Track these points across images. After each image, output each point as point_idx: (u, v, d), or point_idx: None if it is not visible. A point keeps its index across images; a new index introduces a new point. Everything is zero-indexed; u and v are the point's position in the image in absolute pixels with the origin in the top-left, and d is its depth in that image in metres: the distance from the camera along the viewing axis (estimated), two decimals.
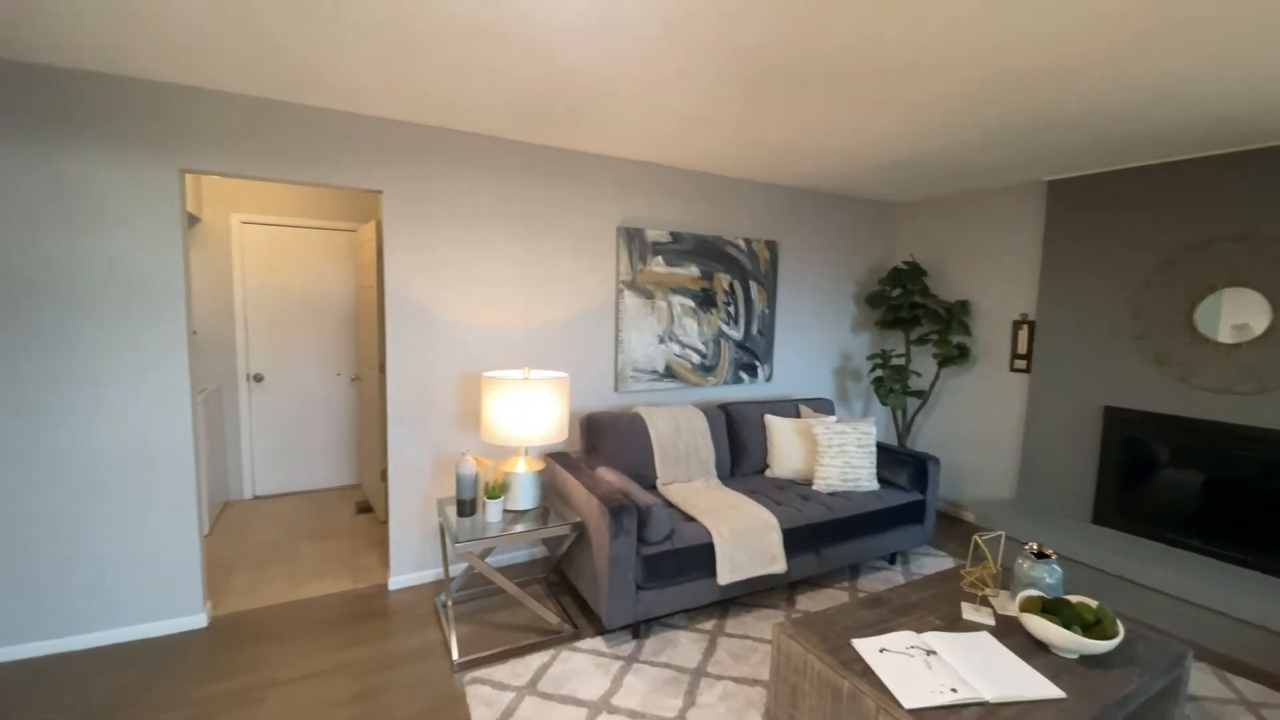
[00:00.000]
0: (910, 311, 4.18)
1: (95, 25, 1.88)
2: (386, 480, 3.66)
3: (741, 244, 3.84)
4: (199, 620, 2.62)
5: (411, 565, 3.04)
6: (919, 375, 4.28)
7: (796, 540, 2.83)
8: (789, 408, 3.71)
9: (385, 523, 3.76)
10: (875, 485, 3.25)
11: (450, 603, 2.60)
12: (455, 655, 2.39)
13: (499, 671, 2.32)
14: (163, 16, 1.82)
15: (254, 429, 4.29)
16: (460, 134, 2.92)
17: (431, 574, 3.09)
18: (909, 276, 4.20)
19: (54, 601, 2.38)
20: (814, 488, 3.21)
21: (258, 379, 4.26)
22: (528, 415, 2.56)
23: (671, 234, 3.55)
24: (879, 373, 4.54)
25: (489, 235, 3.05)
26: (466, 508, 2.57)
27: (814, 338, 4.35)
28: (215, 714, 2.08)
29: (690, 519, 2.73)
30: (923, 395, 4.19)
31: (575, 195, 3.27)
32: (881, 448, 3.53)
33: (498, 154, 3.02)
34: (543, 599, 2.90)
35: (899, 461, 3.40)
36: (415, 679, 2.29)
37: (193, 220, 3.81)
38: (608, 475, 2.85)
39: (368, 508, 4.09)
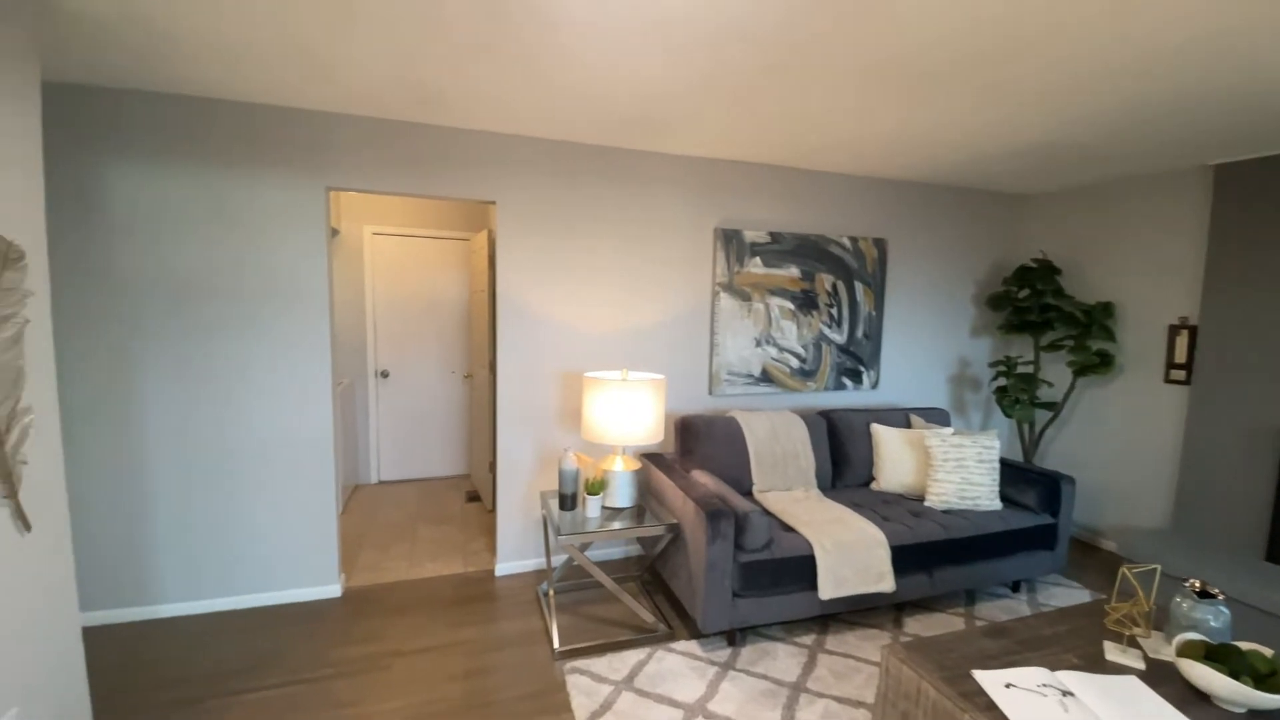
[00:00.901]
0: (1040, 314, 3.79)
1: (262, 63, 2.17)
2: (494, 472, 3.90)
3: (846, 243, 3.68)
4: (334, 590, 2.93)
5: (516, 553, 3.20)
6: (1050, 385, 3.87)
7: (906, 559, 2.66)
8: (898, 417, 3.50)
9: (492, 511, 4.00)
10: (998, 505, 2.98)
11: (552, 592, 2.71)
12: (556, 644, 2.49)
13: (597, 664, 2.39)
14: (326, 57, 2.06)
15: (380, 420, 4.73)
16: (564, 144, 3.04)
17: (534, 563, 3.24)
18: (1039, 276, 3.82)
19: (220, 566, 2.77)
20: (926, 504, 3.00)
21: (384, 375, 4.70)
22: (626, 415, 2.62)
23: (770, 234, 3.48)
24: (1002, 381, 4.17)
25: (590, 240, 3.15)
26: (568, 502, 2.67)
27: (927, 342, 4.07)
28: (349, 676, 2.32)
29: (790, 529, 2.65)
30: (1054, 407, 3.78)
31: (672, 198, 3.29)
32: (1005, 464, 3.24)
33: (598, 161, 3.12)
34: (638, 597, 2.95)
35: (1026, 480, 3.09)
36: (519, 662, 2.42)
37: (333, 232, 4.28)
38: (703, 479, 2.84)
39: (476, 497, 4.37)
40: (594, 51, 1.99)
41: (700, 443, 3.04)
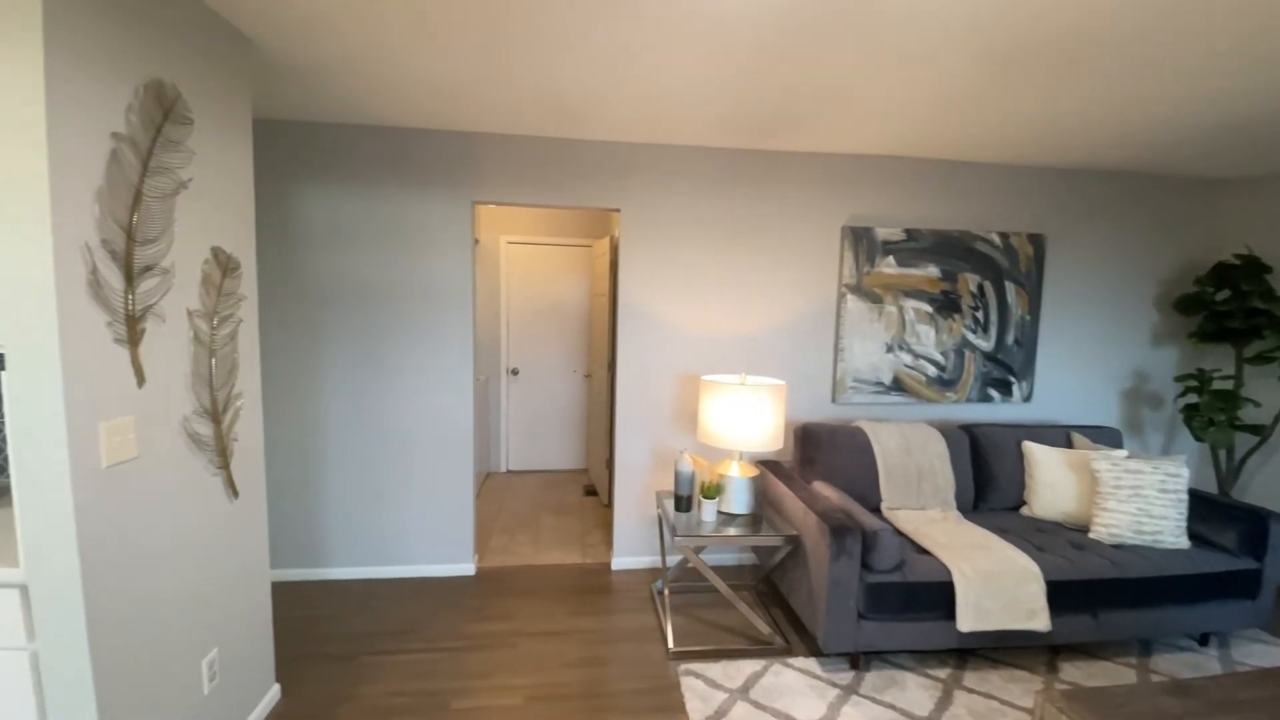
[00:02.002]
0: (1245, 320, 3.17)
1: (430, 94, 2.41)
2: (610, 469, 4.02)
3: (995, 239, 3.33)
4: (468, 569, 3.18)
5: (631, 549, 3.28)
6: (1256, 405, 3.23)
7: (1065, 596, 2.35)
8: (1056, 435, 3.10)
9: (609, 506, 4.13)
10: (1184, 542, 2.54)
11: (666, 592, 2.74)
12: (670, 643, 2.51)
13: (711, 669, 2.37)
14: (483, 84, 2.25)
15: (510, 414, 5.07)
16: (687, 149, 3.06)
17: (648, 560, 3.29)
18: (1244, 275, 3.20)
19: (377, 538, 3.12)
20: (1091, 535, 2.63)
21: (514, 373, 5.03)
22: (743, 420, 2.57)
23: (906, 231, 3.24)
24: (1192, 399, 3.55)
25: (710, 243, 3.14)
26: (683, 503, 2.68)
27: (1093, 351, 3.57)
28: (480, 649, 2.51)
29: (924, 552, 2.45)
30: (1261, 431, 3.14)
31: (797, 198, 3.18)
32: (1195, 496, 2.75)
33: (721, 163, 3.10)
34: (753, 607, 2.88)
35: (1224, 515, 2.60)
36: (633, 657, 2.47)
37: (474, 242, 4.65)
38: (826, 491, 2.72)
39: (593, 491, 4.53)
40: (736, 55, 1.98)
41: (822, 453, 2.91)
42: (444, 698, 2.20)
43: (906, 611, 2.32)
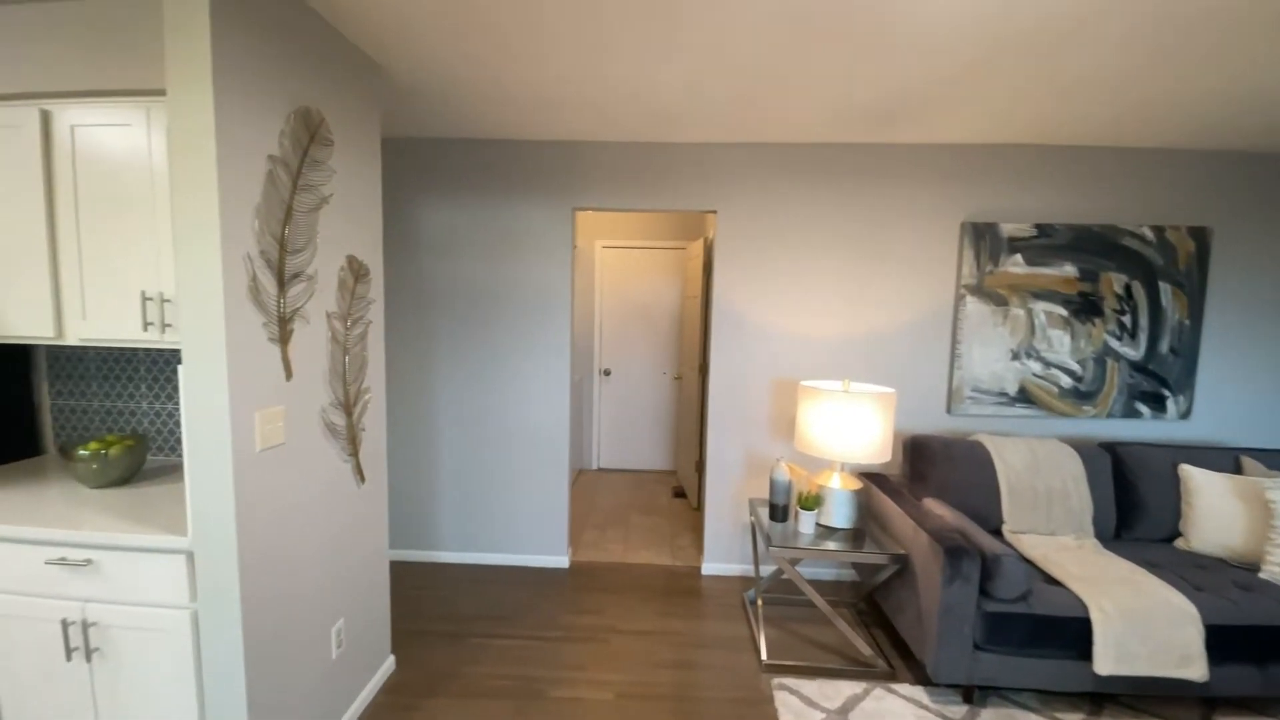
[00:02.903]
0: None
1: (532, 108, 2.51)
2: (700, 472, 3.99)
3: (1147, 233, 2.92)
4: (563, 561, 3.28)
5: (722, 555, 3.23)
6: None
7: (1228, 643, 2.02)
8: (1222, 459, 2.68)
9: (698, 510, 4.10)
10: None
11: (760, 602, 2.67)
12: (764, 655, 2.45)
13: (806, 686, 2.27)
14: (589, 93, 2.32)
15: (601, 413, 5.19)
16: (788, 146, 2.96)
17: (739, 568, 3.22)
18: None
19: (480, 525, 3.30)
20: (1262, 575, 2.24)
21: (606, 373, 5.14)
22: (846, 430, 2.44)
23: (1036, 227, 2.93)
24: None
25: (810, 243, 3.02)
26: (779, 513, 2.59)
27: (1270, 361, 3.04)
28: (575, 641, 2.58)
29: (1054, 582, 2.21)
30: None
31: (908, 193, 2.98)
32: None
33: (823, 159, 2.97)
34: (853, 626, 2.74)
35: None
36: (725, 664, 2.42)
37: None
38: (938, 509, 2.52)
39: (682, 493, 4.52)
40: (848, 41, 1.90)
41: (935, 468, 2.70)
42: (541, 685, 2.29)
43: (1032, 646, 2.09)
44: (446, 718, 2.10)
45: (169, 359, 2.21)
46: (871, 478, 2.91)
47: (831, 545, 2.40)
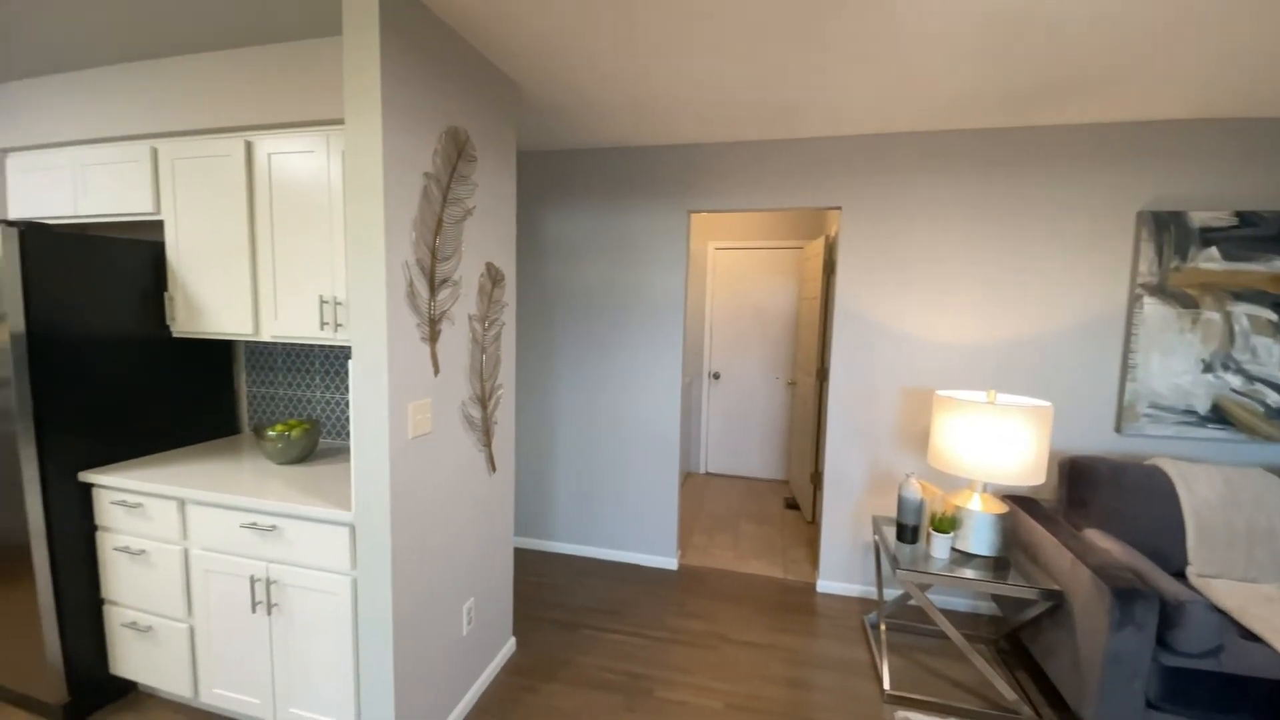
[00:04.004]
0: None
1: (652, 115, 2.56)
2: (816, 484, 3.82)
3: None
4: (671, 563, 3.30)
5: (840, 574, 3.06)
6: None
7: None
8: None
9: (813, 523, 3.93)
10: None
11: (883, 627, 2.49)
12: (886, 684, 2.28)
13: None
14: (707, 96, 2.32)
15: (710, 417, 5.14)
16: (921, 135, 2.75)
17: (859, 588, 3.04)
18: None
19: (593, 520, 3.41)
20: None
21: (716, 376, 5.09)
22: (991, 446, 2.21)
23: (1238, 214, 2.47)
24: None
25: (947, 239, 2.78)
26: (908, 534, 2.41)
27: None
28: (683, 644, 2.57)
29: (1254, 638, 1.84)
30: None
31: (1067, 180, 2.64)
32: None
33: (961, 146, 2.71)
34: (993, 664, 2.47)
35: None
36: (842, 689, 2.29)
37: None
38: (1103, 542, 2.21)
39: (795, 505, 4.35)
40: (1000, 13, 1.73)
41: (1100, 494, 2.37)
42: (648, 684, 2.31)
43: (1221, 711, 1.76)
44: (561, 703, 2.19)
45: (339, 354, 2.52)
46: (1019, 501, 2.62)
47: (969, 573, 2.19)
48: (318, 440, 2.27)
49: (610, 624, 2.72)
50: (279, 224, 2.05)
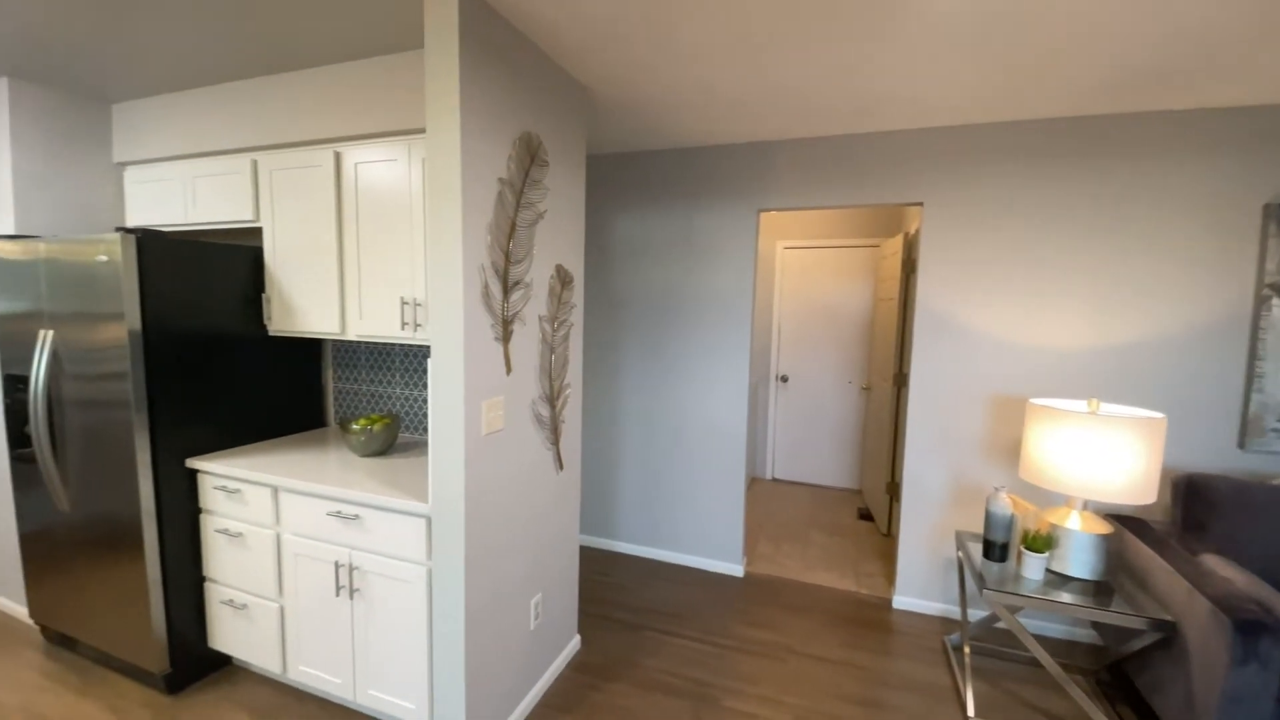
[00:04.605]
0: None
1: (722, 114, 2.51)
2: (893, 495, 3.64)
3: None
4: (737, 569, 3.23)
5: (918, 590, 2.90)
6: None
7: None
8: None
9: (888, 535, 3.75)
10: None
11: (967, 649, 2.33)
12: (970, 710, 2.13)
13: None
14: (780, 93, 2.26)
15: (777, 421, 5.01)
16: (1013, 125, 2.56)
17: (939, 606, 2.86)
18: None
19: (656, 522, 3.39)
20: None
21: (783, 379, 4.96)
22: (1094, 460, 2.02)
23: None
24: None
25: (1042, 236, 2.57)
26: (996, 551, 2.24)
27: None
28: (749, 654, 2.51)
29: None
30: None
31: (1180, 171, 2.38)
32: None
33: (1058, 137, 2.50)
34: (1092, 697, 2.26)
35: None
36: (922, 713, 2.16)
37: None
38: (1224, 569, 1.97)
39: (869, 516, 4.17)
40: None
41: (1220, 516, 2.12)
42: (714, 692, 2.26)
43: None
44: (626, 704, 2.18)
45: (417, 353, 2.63)
46: (1124, 521, 2.39)
47: (1067, 597, 2.01)
48: (397, 434, 2.37)
49: (674, 628, 2.70)
50: (364, 229, 2.16)
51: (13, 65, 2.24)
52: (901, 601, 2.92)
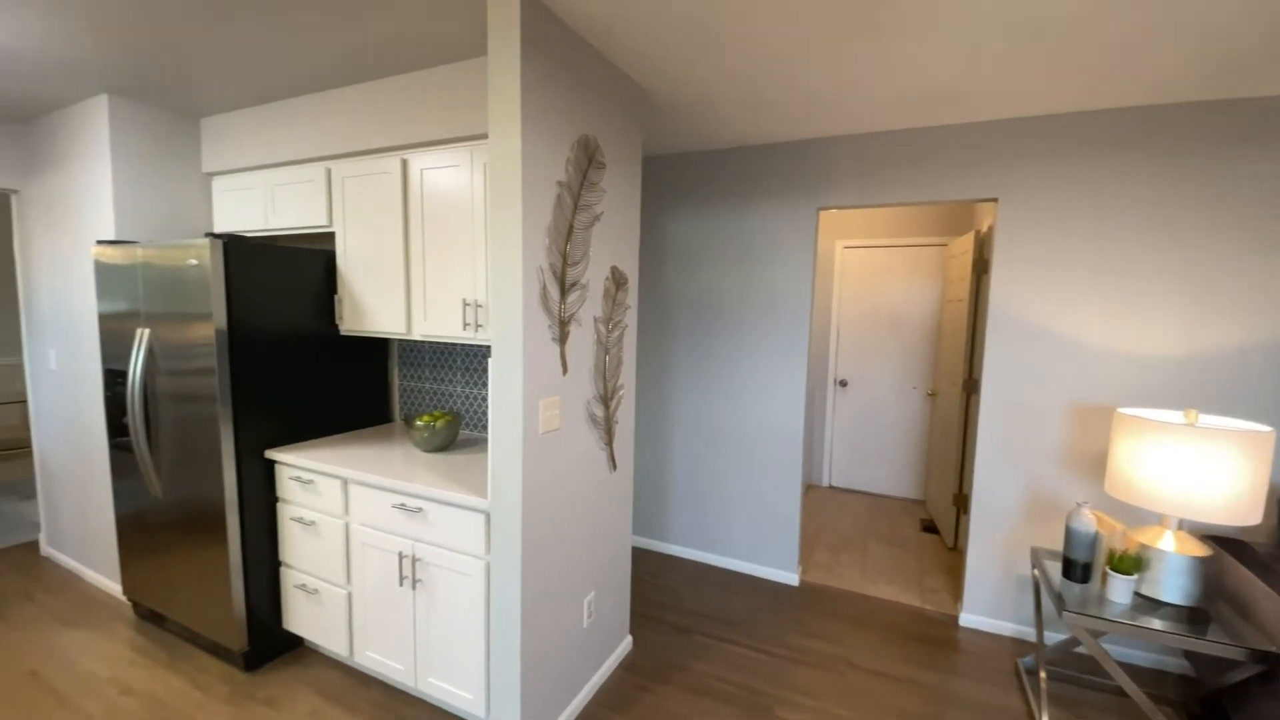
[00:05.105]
0: None
1: (782, 109, 2.45)
2: (961, 506, 3.46)
3: None
4: (792, 578, 3.15)
5: (987, 608, 2.74)
6: None
7: None
8: None
9: (954, 549, 3.57)
10: None
11: (1043, 674, 2.18)
12: None
13: None
14: (846, 87, 2.19)
15: (835, 427, 4.86)
16: (1099, 113, 2.38)
17: (1011, 626, 2.69)
18: None
19: (708, 526, 3.35)
20: None
21: (842, 384, 4.80)
22: (1190, 476, 1.85)
23: None
24: None
25: (1133, 233, 2.37)
26: (1077, 571, 2.09)
27: None
28: (805, 665, 2.44)
29: None
30: None
31: None
32: None
33: (1149, 125, 2.30)
34: None
35: None
36: None
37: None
38: None
39: (933, 528, 3.98)
40: None
41: None
42: (768, 702, 2.21)
43: None
44: (677, 708, 2.16)
45: (477, 353, 2.70)
46: (1223, 543, 2.17)
47: (1157, 624, 1.85)
48: (458, 431, 2.44)
49: (726, 634, 2.65)
50: (429, 232, 2.23)
51: (113, 84, 2.44)
52: (969, 619, 2.77)
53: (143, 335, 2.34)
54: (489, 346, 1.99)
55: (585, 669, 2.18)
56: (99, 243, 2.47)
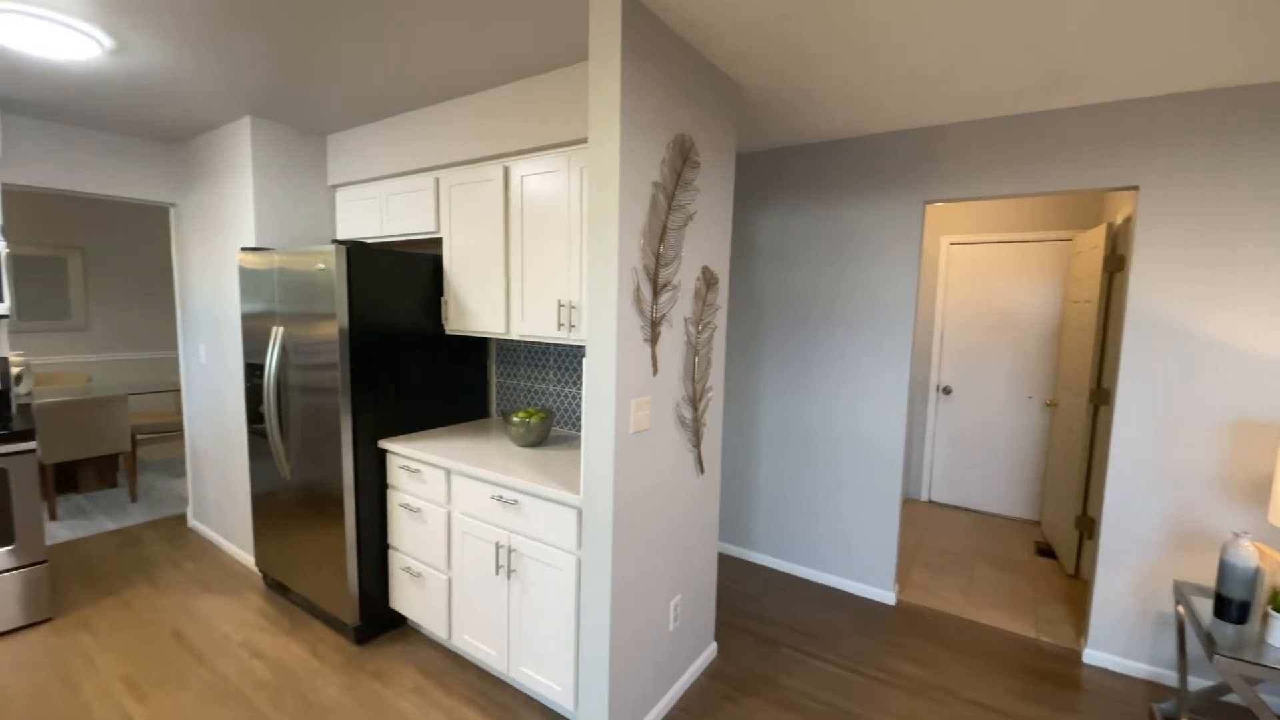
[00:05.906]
0: None
1: (886, 98, 2.33)
2: (1086, 530, 3.13)
3: None
4: (888, 596, 2.97)
5: (1117, 645, 2.44)
6: None
7: None
8: None
9: (1075, 577, 3.23)
10: None
11: None
12: None
13: None
14: (954, 69, 2.05)
15: (936, 437, 4.54)
16: (1270, 88, 2.05)
17: (1146, 668, 2.39)
18: None
19: (796, 536, 3.23)
20: None
21: (946, 391, 4.48)
22: None
23: None
24: None
25: None
26: (1232, 610, 1.81)
27: None
28: (900, 690, 2.29)
29: None
30: None
31: None
32: None
33: None
34: None
35: None
36: None
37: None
38: None
39: (1050, 552, 3.61)
40: None
41: None
42: None
43: None
44: None
45: (570, 352, 2.77)
46: None
47: None
48: (550, 427, 2.52)
49: (815, 649, 2.55)
50: (528, 236, 2.32)
51: (255, 106, 2.74)
52: (1094, 656, 2.48)
53: (277, 333, 2.60)
54: (581, 346, 2.04)
55: (670, 672, 2.17)
56: (242, 249, 2.78)
